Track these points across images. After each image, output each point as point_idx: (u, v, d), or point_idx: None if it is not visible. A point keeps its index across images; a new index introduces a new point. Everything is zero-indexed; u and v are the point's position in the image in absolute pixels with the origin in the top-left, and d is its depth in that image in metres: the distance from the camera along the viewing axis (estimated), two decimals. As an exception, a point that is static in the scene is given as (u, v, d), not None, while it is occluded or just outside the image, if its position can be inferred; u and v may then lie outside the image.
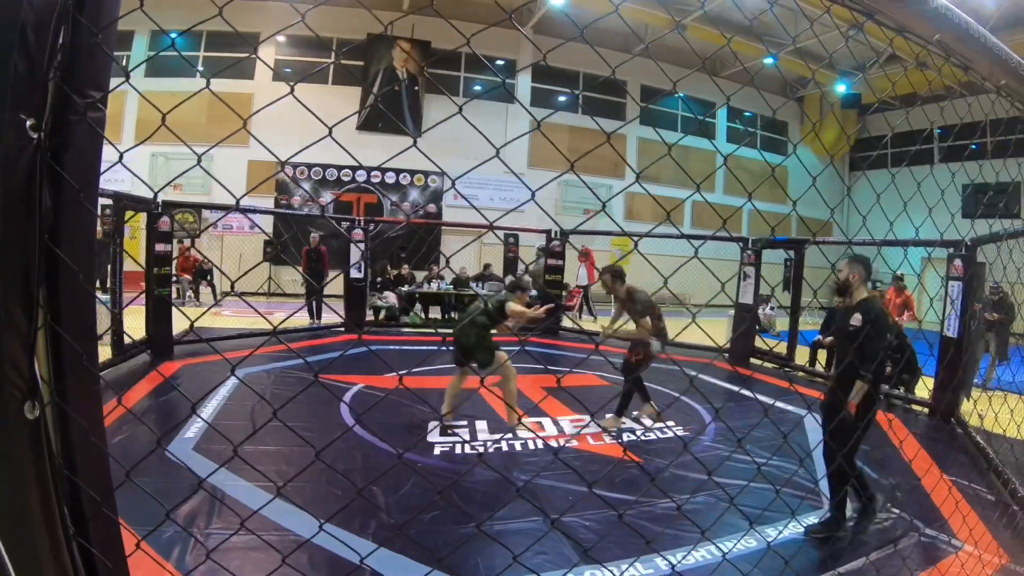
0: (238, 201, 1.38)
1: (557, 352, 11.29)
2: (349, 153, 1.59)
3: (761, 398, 8.38)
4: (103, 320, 8.29)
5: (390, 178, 19.54)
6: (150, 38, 18.01)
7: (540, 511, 4.06)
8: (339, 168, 18.95)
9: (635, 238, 1.94)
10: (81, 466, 1.26)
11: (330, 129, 1.39)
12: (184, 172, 2.21)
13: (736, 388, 9.00)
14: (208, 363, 8.51)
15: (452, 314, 14.30)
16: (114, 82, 1.24)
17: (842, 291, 4.55)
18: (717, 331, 12.61)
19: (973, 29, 1.97)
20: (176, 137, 1.37)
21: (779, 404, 8.00)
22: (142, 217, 9.29)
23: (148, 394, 7.03)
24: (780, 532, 4.32)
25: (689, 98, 22.91)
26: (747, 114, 24.78)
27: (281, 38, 18.95)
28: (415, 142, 1.75)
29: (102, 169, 1.24)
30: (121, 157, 1.24)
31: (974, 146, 20.70)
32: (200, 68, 18.31)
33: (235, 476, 4.60)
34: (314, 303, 12.91)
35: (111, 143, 1.13)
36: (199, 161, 1.34)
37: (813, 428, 7.00)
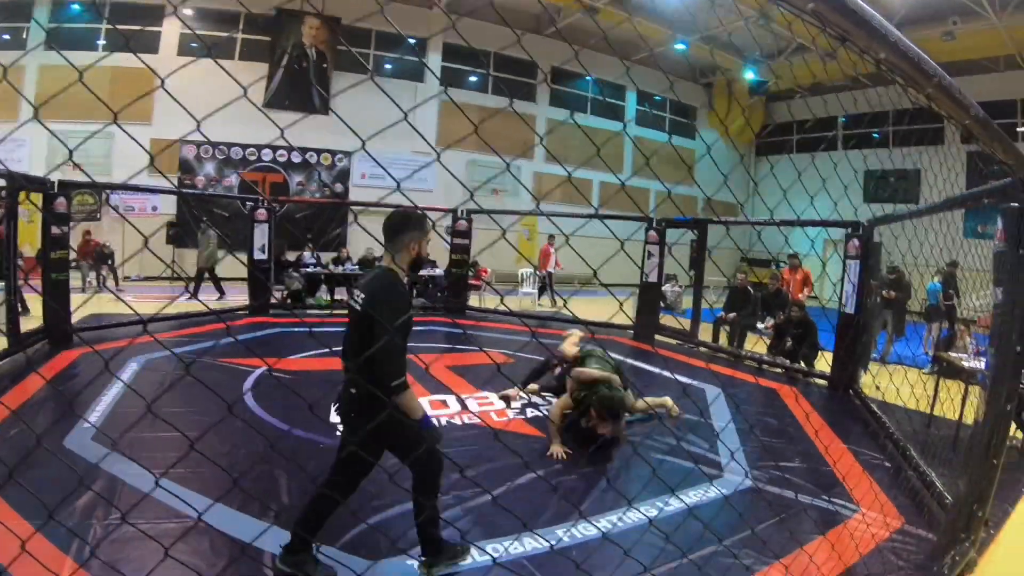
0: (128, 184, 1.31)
1: (459, 331, 11.23)
2: (201, 132, 1.53)
3: (682, 378, 8.60)
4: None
5: (296, 157, 19.09)
6: (50, 8, 17.02)
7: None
8: (244, 147, 18.43)
9: (489, 213, 1.94)
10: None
11: (199, 121, 1.34)
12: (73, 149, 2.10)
13: (641, 364, 9.24)
14: (108, 351, 8.21)
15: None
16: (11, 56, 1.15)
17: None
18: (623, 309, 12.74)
19: (850, 1, 1.98)
20: (77, 115, 1.29)
21: (681, 378, 8.23)
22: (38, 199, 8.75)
23: (44, 386, 6.70)
24: (665, 506, 4.44)
25: (599, 81, 23.13)
26: (656, 98, 25.17)
27: (188, 11, 18.24)
28: (282, 133, 1.71)
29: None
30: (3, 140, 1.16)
31: (875, 135, 21.58)
32: (102, 41, 17.50)
33: (133, 464, 4.46)
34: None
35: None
36: (71, 154, 1.27)
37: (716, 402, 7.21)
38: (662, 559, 3.50)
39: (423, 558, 3.48)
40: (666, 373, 8.59)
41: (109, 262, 15.30)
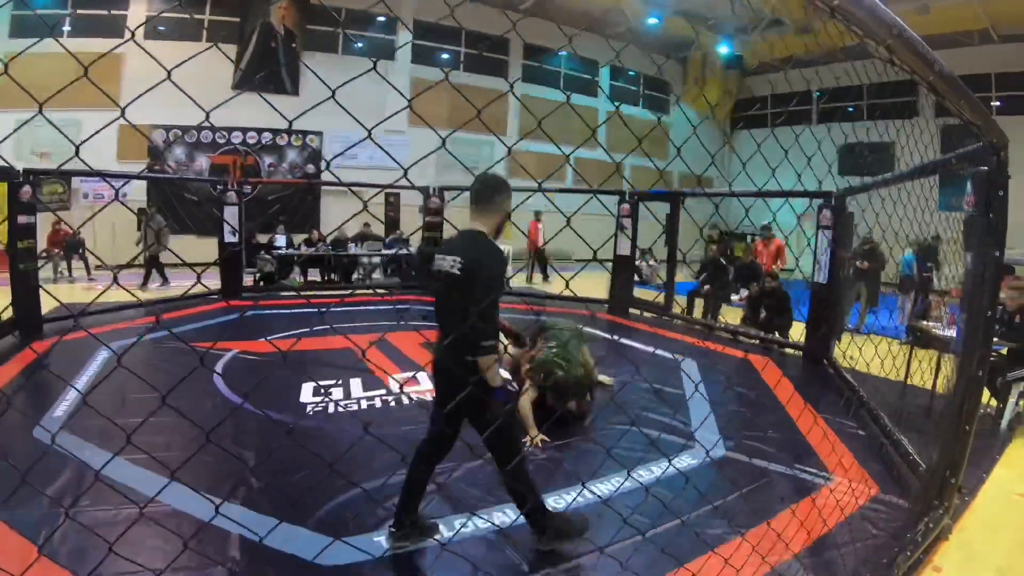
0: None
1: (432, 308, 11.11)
2: (176, 131, 1.42)
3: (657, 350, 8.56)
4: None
5: (267, 139, 18.82)
6: (14, -7, 16.48)
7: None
8: (213, 130, 18.12)
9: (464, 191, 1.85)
10: None
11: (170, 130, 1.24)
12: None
13: (615, 337, 9.20)
14: (80, 339, 8.07)
15: (332, 275, 14.08)
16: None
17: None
18: (599, 284, 12.62)
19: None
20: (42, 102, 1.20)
21: (656, 350, 8.22)
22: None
23: (14, 377, 6.54)
24: (639, 477, 4.40)
25: (573, 56, 22.96)
26: (631, 73, 25.03)
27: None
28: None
29: None
30: None
31: (850, 108, 21.59)
32: (67, 28, 17.05)
33: (106, 452, 4.35)
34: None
35: None
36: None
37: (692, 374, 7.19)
38: (626, 533, 3.46)
39: (392, 528, 3.47)
40: (640, 345, 8.56)
41: (80, 251, 15.02)
